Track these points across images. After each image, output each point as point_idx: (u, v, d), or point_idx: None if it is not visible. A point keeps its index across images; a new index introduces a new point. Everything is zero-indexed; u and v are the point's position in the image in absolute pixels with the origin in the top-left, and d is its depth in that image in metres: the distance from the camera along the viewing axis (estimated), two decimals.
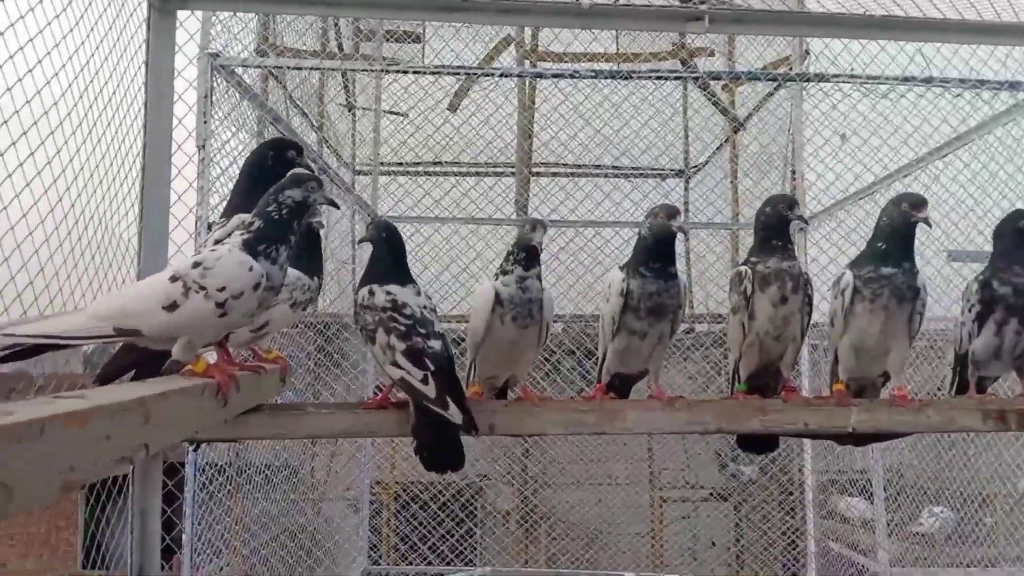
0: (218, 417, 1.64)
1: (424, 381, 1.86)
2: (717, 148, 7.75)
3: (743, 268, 2.20)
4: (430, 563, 6.34)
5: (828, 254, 5.32)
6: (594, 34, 6.94)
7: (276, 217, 1.67)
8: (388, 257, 2.05)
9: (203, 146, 3.34)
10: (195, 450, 2.33)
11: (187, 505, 3.03)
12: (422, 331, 1.94)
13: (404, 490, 6.69)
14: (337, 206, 1.96)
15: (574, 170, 7.65)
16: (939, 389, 2.57)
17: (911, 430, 2.22)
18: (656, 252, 2.18)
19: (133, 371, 1.88)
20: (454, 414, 1.84)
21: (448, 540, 6.43)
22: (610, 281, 2.22)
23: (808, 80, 5.07)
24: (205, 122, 3.37)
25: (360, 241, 2.08)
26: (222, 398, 1.61)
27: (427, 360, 1.89)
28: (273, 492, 4.90)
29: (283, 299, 2.26)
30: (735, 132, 7.33)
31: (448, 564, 6.34)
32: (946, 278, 4.11)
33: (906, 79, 4.00)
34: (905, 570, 5.13)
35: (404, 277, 2.06)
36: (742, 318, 2.19)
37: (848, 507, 6.06)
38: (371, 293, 2.00)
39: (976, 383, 2.34)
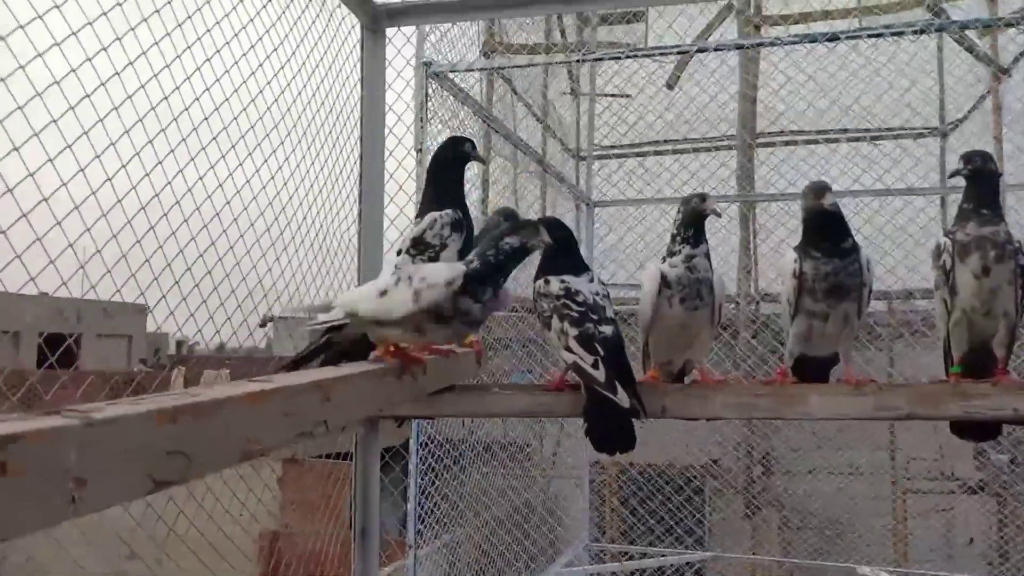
0: (403, 396, 1.84)
1: (595, 366, 1.91)
2: (978, 101, 6.88)
3: (943, 239, 2.02)
4: (651, 543, 6.37)
5: None
6: None
7: (492, 261, 1.82)
8: (560, 250, 2.12)
9: (420, 149, 3.65)
10: (399, 426, 2.61)
11: (411, 477, 3.35)
12: (594, 317, 2.00)
13: (630, 471, 6.77)
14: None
15: (807, 137, 7.19)
16: None
17: None
18: (819, 231, 2.06)
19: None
20: (622, 398, 1.88)
21: (674, 522, 6.42)
22: (783, 263, 2.14)
23: None
24: (422, 127, 3.67)
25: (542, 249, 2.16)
26: (408, 377, 1.83)
27: (597, 345, 1.94)
28: (502, 468, 5.23)
29: None
30: (998, 82, 6.46)
31: (672, 546, 6.33)
32: None
33: None
34: None
35: (577, 267, 2.13)
36: (943, 294, 2.01)
37: None
38: (546, 282, 2.08)
39: None
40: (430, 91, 3.75)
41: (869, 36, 4.08)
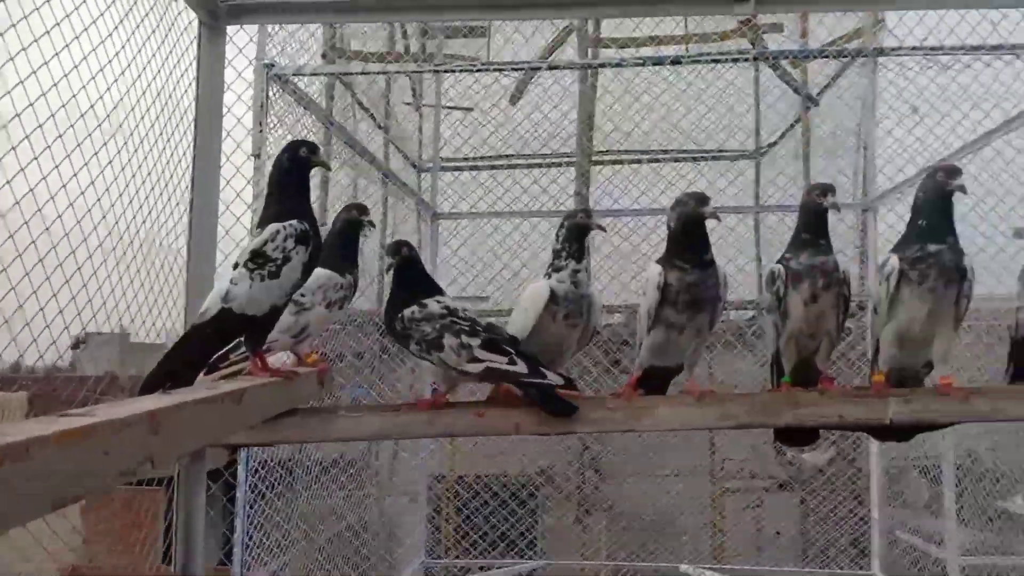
0: (240, 424, 1.70)
1: (511, 363, 1.99)
2: (789, 127, 7.50)
3: (776, 267, 2.14)
4: (488, 555, 6.39)
5: (899, 231, 5.05)
6: (656, 19, 6.81)
7: None
8: (418, 273, 2.18)
9: (258, 155, 3.45)
10: (232, 454, 2.43)
11: (238, 506, 3.14)
12: (480, 326, 2.08)
13: (463, 484, 6.77)
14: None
15: (637, 157, 7.52)
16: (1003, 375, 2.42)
17: (955, 421, 2.12)
18: (687, 242, 2.13)
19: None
20: (553, 378, 2.00)
21: (507, 533, 6.47)
22: (648, 276, 2.18)
23: (881, 54, 4.83)
24: (260, 131, 3.47)
25: (388, 270, 2.20)
26: (247, 401, 1.69)
27: (504, 346, 2.03)
28: (334, 488, 5.03)
29: (317, 301, 2.34)
30: (807, 110, 7.07)
31: (507, 557, 6.39)
32: (1011, 256, 3.88)
33: (974, 48, 3.76)
34: (978, 559, 4.88)
35: (435, 287, 2.19)
36: (775, 318, 2.14)
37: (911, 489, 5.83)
38: (422, 306, 2.10)
39: None
40: (271, 94, 3.57)
41: (709, 61, 4.30)
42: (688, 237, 2.13)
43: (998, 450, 4.90)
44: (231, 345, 2.31)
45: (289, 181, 2.08)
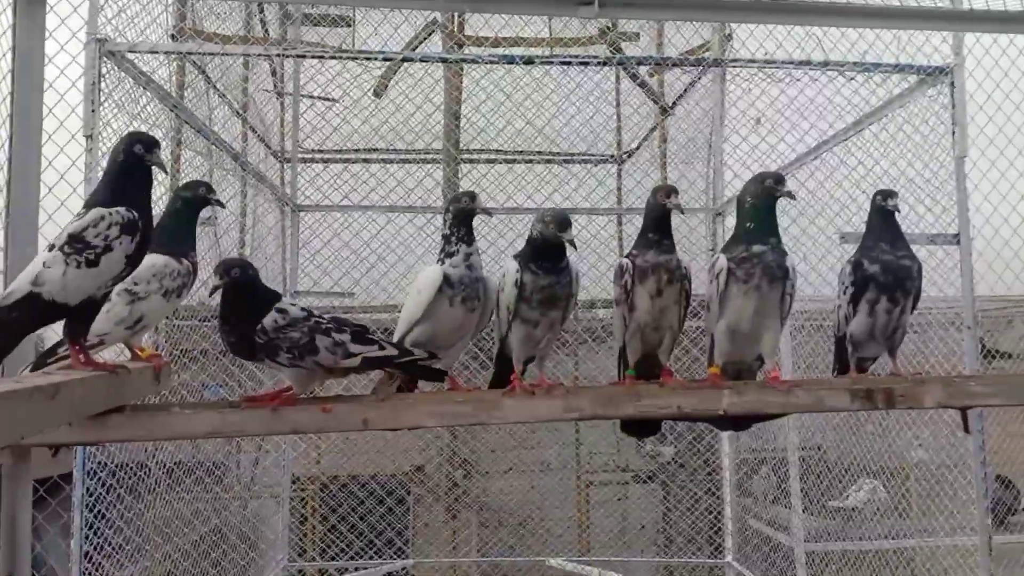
0: (54, 421, 1.56)
1: (382, 348, 2.03)
2: (648, 134, 7.79)
3: (624, 261, 2.21)
4: (355, 557, 6.28)
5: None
6: (524, 20, 6.90)
7: None
8: (258, 289, 2.09)
9: (92, 136, 3.22)
10: (54, 455, 2.25)
11: (74, 508, 2.93)
12: (338, 322, 2.08)
13: (335, 484, 6.62)
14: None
15: (506, 156, 7.60)
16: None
17: (781, 411, 2.26)
18: (546, 253, 2.17)
19: None
20: (419, 354, 2.08)
21: (378, 533, 6.39)
22: (505, 271, 2.21)
23: (729, 65, 5.10)
24: (93, 111, 3.25)
25: (212, 293, 2.08)
26: (61, 397, 1.56)
27: (368, 336, 2.05)
28: (197, 490, 4.80)
29: (153, 290, 2.20)
30: (664, 118, 7.37)
31: (377, 557, 6.30)
32: (838, 259, 4.20)
33: (803, 63, 4.05)
34: (820, 544, 5.25)
35: (276, 295, 2.12)
36: (623, 310, 2.20)
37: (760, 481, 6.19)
38: (282, 313, 2.02)
39: (856, 364, 2.39)
40: (104, 71, 3.34)
41: (561, 63, 4.40)
42: (547, 251, 2.17)
43: (841, 444, 5.27)
44: (59, 340, 2.15)
45: (123, 173, 1.94)
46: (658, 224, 2.21)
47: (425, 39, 7.10)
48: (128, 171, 1.92)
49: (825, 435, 5.63)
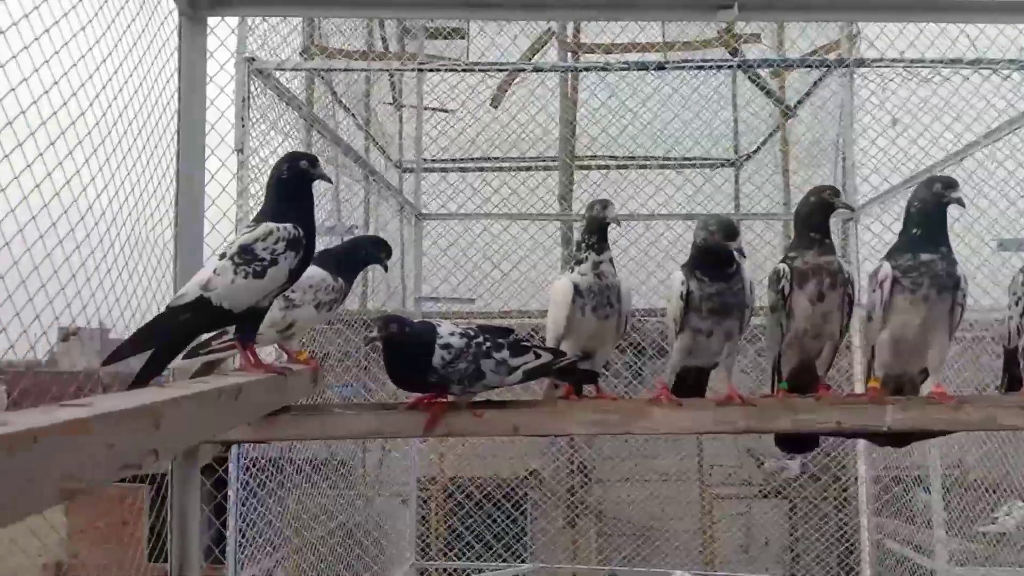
0: (237, 420, 1.66)
1: (537, 356, 2.08)
2: (768, 136, 7.58)
3: (781, 266, 2.13)
4: (479, 558, 6.35)
5: (885, 240, 5.11)
6: (640, 25, 6.85)
7: None
8: (414, 331, 2.08)
9: (241, 149, 3.40)
10: (226, 451, 2.39)
11: (230, 505, 3.09)
12: (491, 334, 2.10)
13: (454, 485, 6.72)
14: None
15: (621, 162, 7.55)
16: (995, 386, 2.45)
17: (948, 429, 2.13)
18: (710, 260, 2.11)
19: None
20: (572, 355, 2.15)
21: (497, 536, 6.44)
22: (671, 283, 2.17)
23: (860, 65, 4.90)
24: (243, 126, 3.43)
25: (367, 344, 2.18)
26: (244, 398, 1.66)
27: (523, 343, 2.09)
28: (325, 487, 4.99)
29: (308, 300, 2.31)
30: (785, 120, 7.14)
31: (497, 559, 6.35)
32: (995, 268, 3.92)
33: (952, 61, 3.82)
34: (967, 569, 4.92)
35: (433, 327, 2.13)
36: (780, 317, 2.13)
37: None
38: (447, 348, 2.02)
39: None
40: (253, 89, 3.52)
41: (689, 68, 4.33)
42: (711, 256, 2.11)
43: (987, 463, 4.94)
44: (214, 332, 2.28)
45: (288, 189, 2.04)
46: (820, 223, 2.12)
47: (540, 48, 7.16)
48: (293, 187, 2.02)
49: (968, 452, 5.28)
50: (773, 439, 2.31)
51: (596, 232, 2.19)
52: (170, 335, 1.88)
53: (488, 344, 2.03)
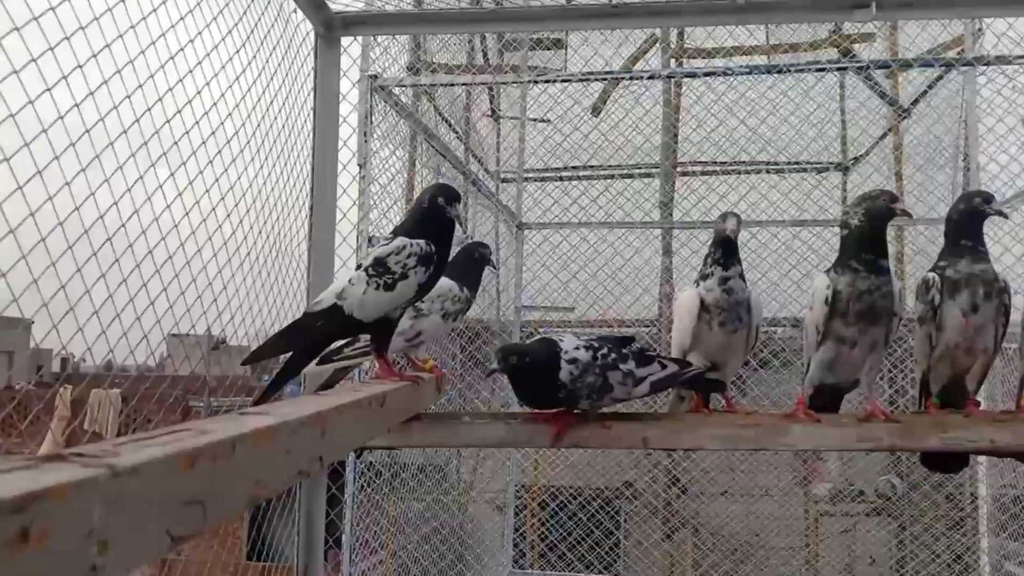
0: (383, 427, 1.71)
1: (663, 366, 2.06)
2: (879, 139, 7.29)
3: (930, 275, 2.04)
4: (574, 569, 6.32)
5: (1014, 252, 4.84)
6: (748, 29, 6.71)
7: None
8: (536, 354, 2.03)
9: (364, 164, 3.51)
10: (358, 457, 2.46)
11: (347, 508, 3.18)
12: (614, 343, 2.08)
13: (549, 495, 6.72)
14: None
15: (727, 168, 7.41)
16: None
17: None
18: (868, 241, 1.98)
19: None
20: (699, 367, 2.14)
21: (593, 547, 6.39)
22: (815, 287, 2.08)
23: (987, 63, 4.66)
24: (366, 141, 3.53)
25: (489, 375, 2.21)
26: (388, 404, 1.71)
27: (647, 353, 2.08)
28: (424, 493, 5.08)
29: (435, 310, 2.36)
30: (899, 121, 6.85)
31: (591, 571, 6.30)
32: None
33: None
34: None
35: (553, 342, 2.08)
36: (929, 329, 2.03)
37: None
38: (574, 363, 1.98)
39: None
40: (373, 104, 3.63)
41: (817, 70, 4.19)
42: (872, 236, 1.99)
43: None
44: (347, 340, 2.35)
45: (426, 216, 2.09)
46: (972, 230, 2.02)
47: (643, 54, 7.11)
48: (431, 217, 2.07)
49: None
50: (920, 457, 2.21)
51: (721, 246, 2.15)
52: (305, 340, 1.95)
53: (613, 355, 2.00)
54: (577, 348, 2.01)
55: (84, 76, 1.80)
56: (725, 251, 2.15)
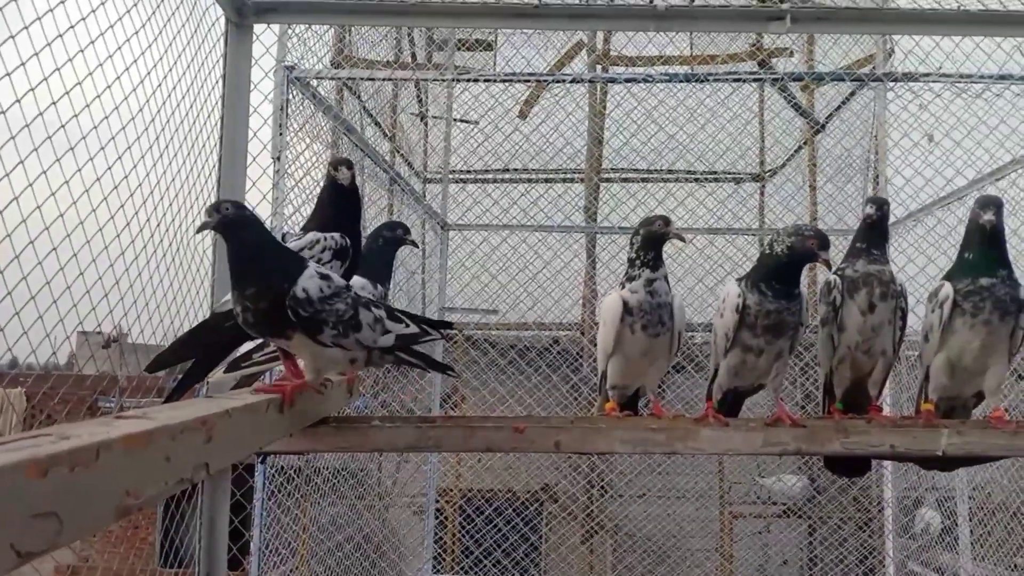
0: (282, 432, 1.63)
1: (407, 326, 1.83)
2: (795, 151, 7.53)
3: (832, 277, 2.08)
4: (493, 574, 6.29)
5: (916, 263, 5.05)
6: (668, 37, 6.81)
7: None
8: (273, 239, 1.79)
9: (278, 158, 3.39)
10: (262, 461, 2.36)
11: (255, 513, 3.07)
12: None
13: (467, 500, 6.67)
14: None
15: (646, 175, 7.52)
16: None
17: (1007, 454, 2.07)
18: (785, 272, 2.03)
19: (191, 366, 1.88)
20: (433, 333, 1.87)
21: (511, 550, 6.37)
22: (725, 295, 2.10)
23: (896, 80, 4.85)
24: (281, 134, 3.41)
25: (199, 231, 1.83)
26: (288, 410, 1.62)
27: (396, 312, 1.86)
28: (339, 498, 4.96)
29: None
30: (814, 135, 7.08)
31: (511, 574, 6.29)
32: None
33: (1003, 77, 3.76)
34: None
35: (301, 257, 1.82)
36: (831, 330, 2.07)
37: (924, 520, 5.73)
38: (326, 279, 1.69)
39: None
40: (290, 96, 3.51)
41: (735, 80, 4.28)
42: (790, 268, 2.03)
43: (1017, 484, 4.84)
44: (255, 344, 2.25)
45: (343, 199, 2.02)
46: (868, 234, 2.07)
47: (570, 59, 7.15)
48: (332, 194, 1.99)
49: (997, 473, 5.16)
50: (823, 461, 2.25)
51: (653, 248, 2.13)
52: (213, 343, 1.86)
53: (364, 297, 1.81)
54: (332, 274, 1.78)
55: None
56: (656, 254, 2.14)
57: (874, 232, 2.07)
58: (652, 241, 2.14)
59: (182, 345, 1.85)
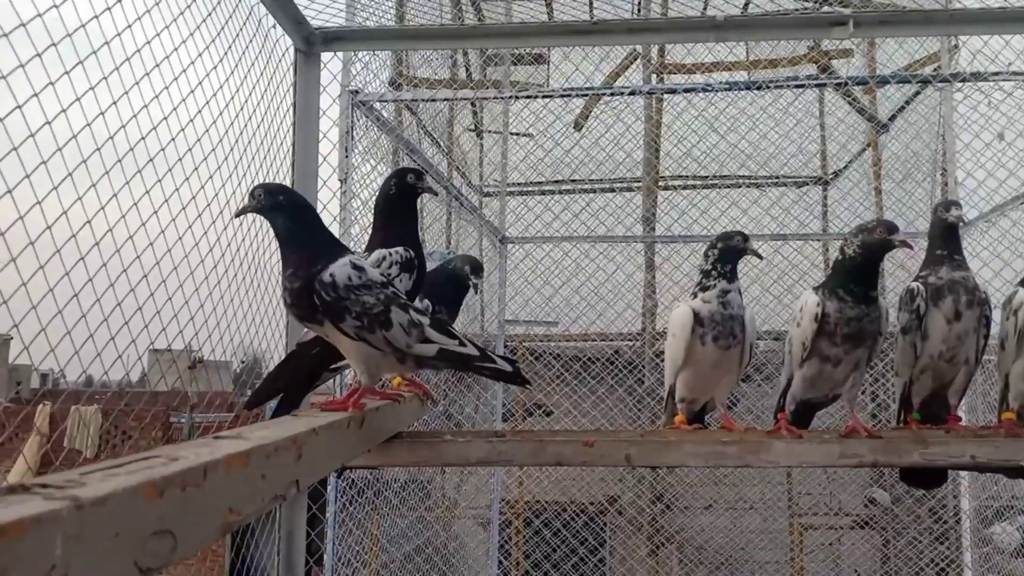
0: (363, 447, 1.68)
1: (462, 344, 1.72)
2: (858, 153, 7.38)
3: (915, 284, 2.04)
4: None
5: (991, 267, 4.89)
6: (727, 45, 6.76)
7: None
8: (318, 225, 1.73)
9: (345, 179, 3.49)
10: (339, 477, 2.42)
11: (328, 527, 3.14)
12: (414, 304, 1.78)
13: (534, 511, 6.68)
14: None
15: (705, 182, 7.46)
16: None
17: None
18: (861, 273, 1.99)
19: (280, 396, 1.96)
20: (503, 364, 1.76)
21: (578, 564, 6.36)
22: (802, 304, 2.06)
23: (964, 80, 4.72)
24: (347, 156, 3.51)
25: (237, 215, 1.86)
26: (367, 425, 1.68)
27: (449, 328, 1.78)
28: (406, 510, 5.04)
29: None
30: (877, 136, 6.93)
31: None
32: None
33: None
34: None
35: (344, 246, 1.75)
36: (913, 338, 2.03)
37: (1001, 534, 5.50)
38: (358, 269, 1.64)
39: None
40: (355, 120, 3.61)
41: (796, 86, 4.23)
42: (866, 268, 1.99)
43: None
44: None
45: (396, 207, 2.08)
46: (946, 239, 2.04)
47: (625, 69, 7.16)
48: (399, 203, 2.05)
49: None
50: (899, 473, 2.21)
51: (730, 262, 2.15)
52: (303, 370, 1.93)
53: (406, 301, 1.72)
54: (375, 270, 1.73)
55: (55, 91, 1.77)
56: (733, 266, 2.15)
57: (953, 237, 2.04)
58: (730, 255, 2.15)
59: (276, 379, 1.92)
